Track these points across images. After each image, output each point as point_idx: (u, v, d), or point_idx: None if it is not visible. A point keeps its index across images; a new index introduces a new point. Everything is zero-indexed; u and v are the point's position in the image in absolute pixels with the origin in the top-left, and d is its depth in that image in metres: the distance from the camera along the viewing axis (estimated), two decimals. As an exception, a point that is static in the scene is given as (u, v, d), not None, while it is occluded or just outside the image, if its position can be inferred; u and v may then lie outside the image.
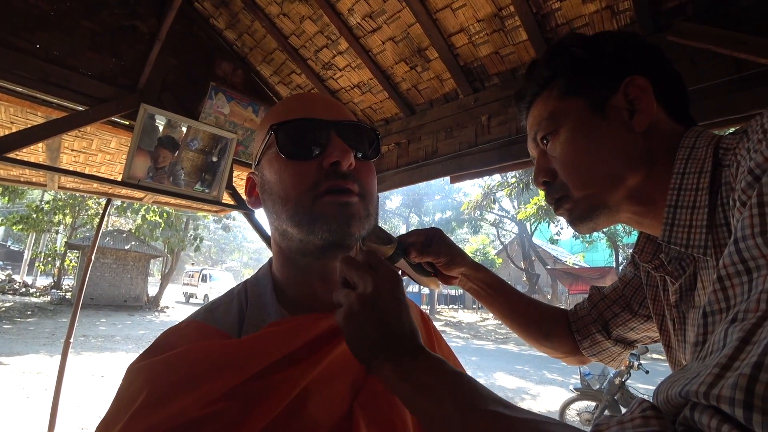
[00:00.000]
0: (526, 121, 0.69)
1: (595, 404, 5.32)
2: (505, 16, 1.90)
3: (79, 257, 18.13)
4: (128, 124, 2.59)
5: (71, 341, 3.46)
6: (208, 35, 2.91)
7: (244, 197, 0.68)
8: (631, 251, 0.72)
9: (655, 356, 11.38)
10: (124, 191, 3.67)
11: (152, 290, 20.40)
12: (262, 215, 0.67)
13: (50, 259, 18.93)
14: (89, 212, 17.73)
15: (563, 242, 28.71)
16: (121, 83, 2.46)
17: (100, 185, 3.75)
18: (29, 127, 2.29)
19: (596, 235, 18.14)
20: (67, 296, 16.81)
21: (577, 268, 20.53)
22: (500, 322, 0.88)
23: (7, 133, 2.42)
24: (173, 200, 3.27)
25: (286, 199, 0.53)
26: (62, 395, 3.36)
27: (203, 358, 0.44)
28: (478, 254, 23.59)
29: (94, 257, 3.73)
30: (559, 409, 5.59)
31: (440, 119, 2.46)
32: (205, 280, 23.93)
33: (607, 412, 5.16)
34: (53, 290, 17.44)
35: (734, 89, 1.43)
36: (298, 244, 0.55)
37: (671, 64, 0.60)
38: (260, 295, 0.57)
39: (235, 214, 3.66)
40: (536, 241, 23.05)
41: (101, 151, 3.49)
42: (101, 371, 7.46)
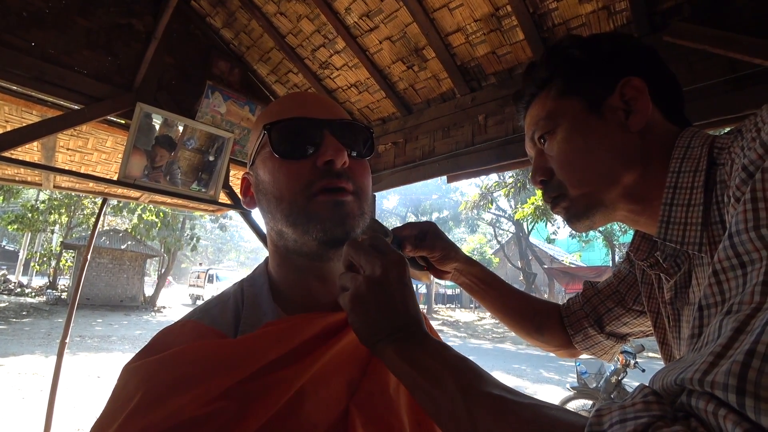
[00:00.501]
0: (523, 121, 0.70)
1: (591, 402, 5.34)
2: (502, 15, 1.90)
3: (74, 257, 18.03)
4: (124, 123, 2.58)
5: (67, 341, 3.44)
6: (204, 34, 2.90)
7: (240, 197, 0.68)
8: (626, 250, 0.72)
9: (651, 355, 11.43)
10: (120, 190, 3.65)
11: (149, 290, 20.32)
12: (258, 214, 0.66)
13: (46, 259, 18.82)
14: (85, 212, 17.64)
15: (560, 242, 28.81)
16: (116, 82, 2.44)
17: (95, 184, 3.74)
18: (24, 126, 2.28)
19: (592, 234, 18.23)
20: (62, 296, 16.71)
21: (573, 267, 20.62)
22: (493, 317, 0.89)
23: (1, 132, 2.40)
24: (170, 199, 3.26)
25: (280, 198, 0.53)
26: (58, 396, 3.34)
27: (199, 357, 0.44)
28: (475, 253, 23.63)
29: (90, 257, 3.71)
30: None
31: (437, 119, 2.47)
32: (212, 280, 22.96)
33: (603, 410, 5.19)
34: (49, 290, 17.33)
35: (729, 89, 1.43)
36: (293, 244, 0.55)
37: (666, 65, 0.61)
38: (256, 294, 0.56)
39: (231, 213, 3.65)
40: (533, 240, 23.11)
41: (97, 150, 3.47)
42: (97, 372, 7.43)
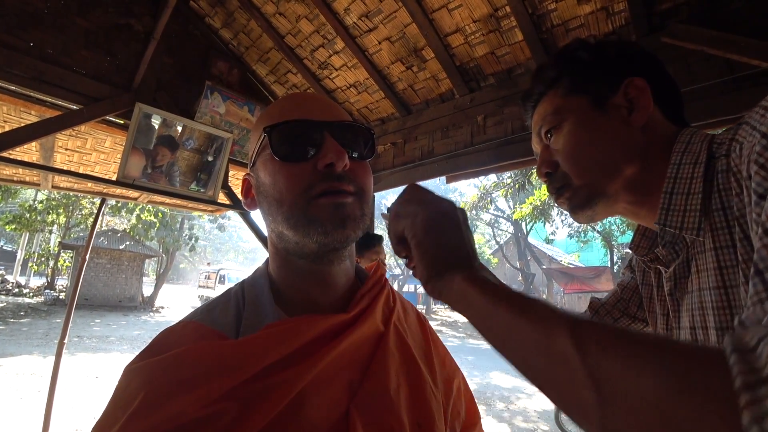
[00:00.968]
0: (530, 120, 0.74)
1: (590, 403, 5.35)
2: (501, 16, 1.90)
3: (73, 257, 17.98)
4: (123, 123, 2.57)
5: (65, 342, 3.43)
6: (203, 34, 2.90)
7: (240, 197, 0.68)
8: (626, 249, 0.74)
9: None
10: (118, 191, 3.64)
11: (147, 290, 20.28)
12: (257, 215, 0.66)
13: (44, 259, 18.77)
14: (83, 212, 17.59)
15: (558, 242, 28.85)
16: (115, 82, 2.44)
17: (94, 185, 3.73)
18: (23, 126, 2.27)
19: (591, 234, 18.27)
20: (60, 297, 16.66)
21: (572, 267, 20.65)
22: None
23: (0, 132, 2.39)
24: (168, 200, 3.26)
25: (281, 201, 0.52)
26: (56, 396, 3.34)
27: (201, 358, 0.44)
28: (474, 254, 23.52)
29: (88, 257, 3.71)
30: (555, 407, 5.61)
31: (436, 119, 2.47)
32: (222, 281, 22.09)
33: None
34: (47, 290, 17.28)
35: (727, 90, 1.44)
36: (294, 246, 0.55)
37: (667, 70, 0.65)
38: (257, 296, 0.56)
39: (230, 213, 3.65)
40: (532, 240, 23.14)
41: (96, 150, 3.47)
42: (95, 372, 7.41)
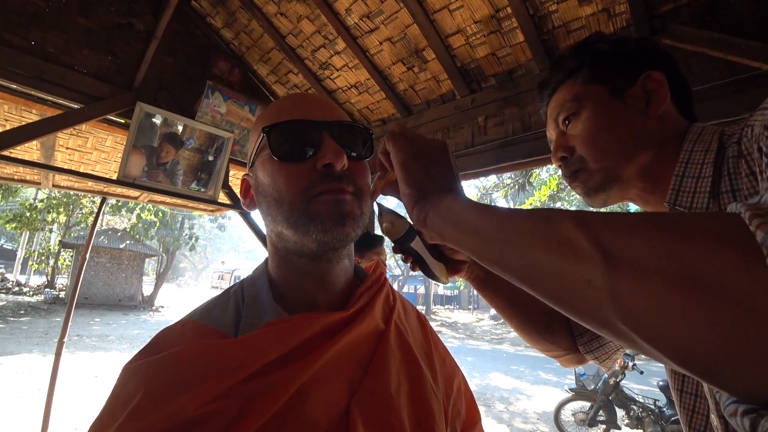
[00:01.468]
0: (546, 107, 0.75)
1: (590, 404, 5.35)
2: (502, 17, 1.90)
3: (73, 256, 17.99)
4: (124, 122, 2.58)
5: (65, 341, 3.43)
6: (205, 34, 2.90)
7: (240, 198, 0.68)
8: None
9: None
10: (119, 190, 3.65)
11: (147, 289, 20.29)
12: (257, 214, 0.66)
13: (44, 257, 18.77)
14: (84, 211, 17.60)
15: (559, 243, 28.77)
16: (116, 81, 2.45)
17: (95, 184, 3.73)
18: (24, 124, 2.27)
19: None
20: (60, 295, 16.66)
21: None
22: (502, 316, 0.85)
23: (1, 130, 2.39)
24: (169, 199, 3.26)
25: (280, 201, 0.53)
26: (56, 395, 3.34)
27: (200, 357, 0.44)
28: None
29: (88, 256, 3.71)
30: (554, 409, 5.61)
31: (437, 120, 2.47)
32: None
33: (601, 412, 5.20)
34: (47, 289, 17.27)
35: (728, 92, 1.44)
36: (293, 246, 0.55)
37: (679, 68, 0.68)
38: (257, 294, 0.56)
39: (230, 213, 3.65)
40: (532, 241, 23.09)
41: (96, 149, 3.47)
42: (95, 371, 7.41)
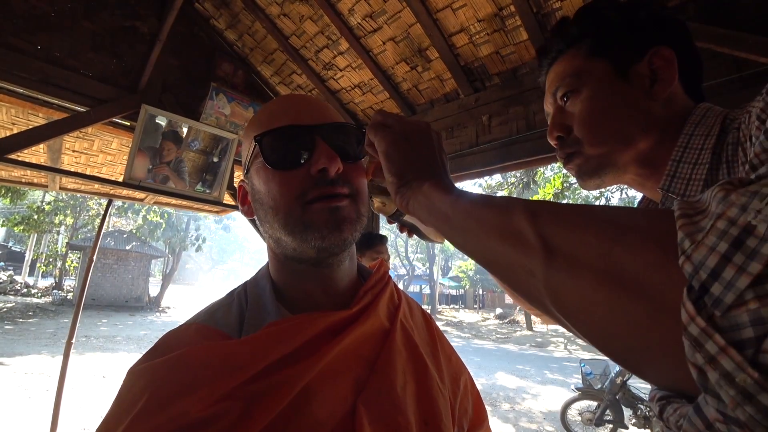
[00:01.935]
0: (545, 77, 0.71)
1: (596, 404, 5.32)
2: (505, 15, 1.90)
3: (80, 258, 18.16)
4: (129, 125, 2.59)
5: (73, 342, 3.46)
6: (208, 36, 2.92)
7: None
8: None
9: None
10: (125, 192, 3.67)
11: (153, 290, 20.42)
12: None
13: (51, 259, 18.96)
14: (90, 213, 17.77)
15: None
16: (121, 84, 2.46)
17: (101, 186, 3.77)
18: (30, 128, 2.30)
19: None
20: (68, 297, 16.82)
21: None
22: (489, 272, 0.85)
23: (8, 134, 2.42)
24: (174, 201, 3.28)
25: (276, 209, 0.52)
26: (64, 396, 3.37)
27: (204, 359, 0.44)
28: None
29: (95, 258, 3.74)
30: (560, 408, 5.58)
31: (441, 119, 2.46)
32: None
33: (608, 411, 5.16)
34: (55, 291, 17.45)
35: (735, 89, 1.42)
36: (292, 252, 0.55)
37: (693, 42, 0.62)
38: (260, 295, 0.56)
39: (235, 214, 3.67)
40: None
41: (102, 151, 3.50)
42: (103, 372, 7.48)
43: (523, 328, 19.87)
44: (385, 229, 16.83)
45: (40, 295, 17.66)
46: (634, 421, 5.17)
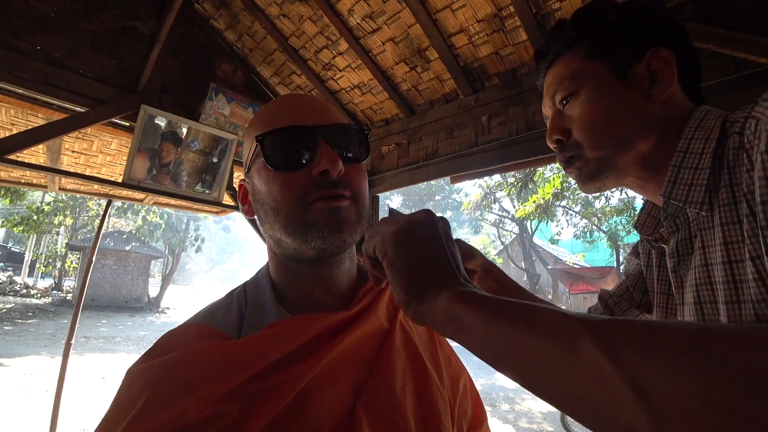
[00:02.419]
0: (543, 80, 0.70)
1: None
2: (505, 16, 1.90)
3: (79, 258, 18.15)
4: (129, 125, 2.59)
5: (72, 342, 3.45)
6: (208, 36, 2.91)
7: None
8: (633, 225, 0.74)
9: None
10: (124, 192, 3.67)
11: (153, 291, 20.41)
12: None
13: (51, 260, 18.96)
14: (90, 213, 17.75)
15: (564, 242, 28.68)
16: (121, 84, 2.46)
17: (100, 186, 3.76)
18: (30, 128, 2.29)
19: (597, 234, 18.17)
20: (68, 297, 16.80)
21: (577, 267, 20.51)
22: None
23: (7, 134, 2.42)
24: (174, 201, 3.28)
25: (277, 210, 0.52)
26: (63, 396, 3.36)
27: (203, 359, 0.44)
28: (478, 254, 23.42)
29: (94, 258, 3.73)
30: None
31: (440, 119, 2.47)
32: None
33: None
34: (54, 291, 17.43)
35: (734, 89, 1.43)
36: (292, 252, 0.55)
37: (692, 42, 0.62)
38: (259, 296, 0.56)
39: (235, 214, 3.66)
40: (537, 241, 23.02)
41: (102, 152, 3.50)
42: (102, 372, 7.47)
43: (522, 328, 19.78)
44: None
45: (39, 295, 17.65)
46: (633, 421, 5.17)
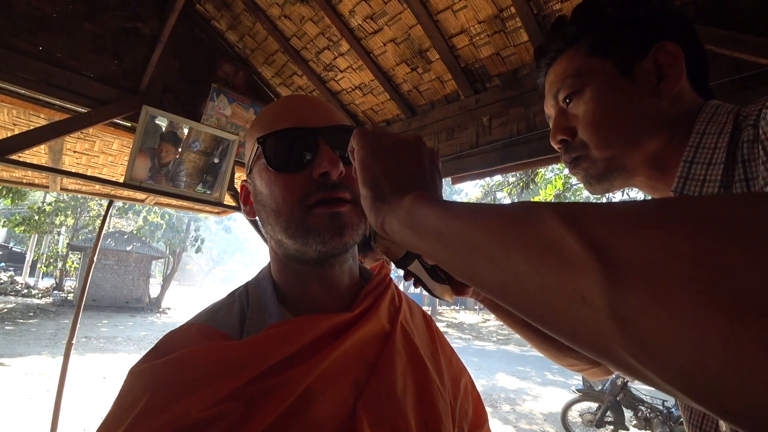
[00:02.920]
0: (543, 78, 0.68)
1: (597, 405, 5.31)
2: (506, 17, 1.90)
3: (81, 259, 18.17)
4: (130, 125, 2.60)
5: (73, 342, 3.46)
6: (209, 37, 2.92)
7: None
8: None
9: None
10: (126, 193, 3.68)
11: (154, 291, 20.43)
12: (260, 217, 0.65)
13: (52, 260, 18.97)
14: (91, 214, 17.77)
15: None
16: (122, 85, 2.47)
17: (102, 187, 3.77)
18: (32, 129, 2.30)
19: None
20: (69, 297, 16.82)
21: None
22: (522, 336, 0.79)
23: (9, 134, 2.42)
24: (175, 201, 3.28)
25: (278, 212, 0.53)
26: (64, 396, 3.36)
27: (205, 360, 0.44)
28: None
29: (95, 258, 3.74)
30: (561, 410, 5.58)
31: (441, 120, 2.47)
32: None
33: (609, 413, 5.15)
34: (55, 292, 17.45)
35: (735, 90, 1.42)
36: (294, 253, 0.55)
37: (698, 35, 0.60)
38: (261, 297, 0.56)
39: (236, 215, 3.67)
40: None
41: (103, 152, 3.51)
42: (103, 372, 7.48)
43: (523, 329, 19.80)
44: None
45: (40, 295, 17.67)
46: (634, 422, 5.17)
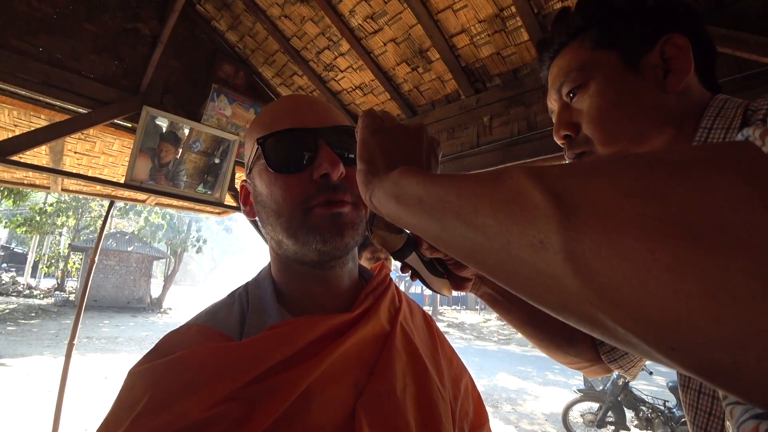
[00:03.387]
0: (546, 72, 0.66)
1: (598, 405, 5.30)
2: (506, 16, 1.89)
3: (82, 259, 18.19)
4: (131, 126, 2.60)
5: (75, 343, 3.46)
6: (210, 37, 2.92)
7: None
8: None
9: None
10: (127, 193, 3.68)
11: (155, 291, 20.45)
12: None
13: (54, 261, 18.99)
14: (92, 214, 17.80)
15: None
16: (123, 86, 2.47)
17: (103, 187, 3.78)
18: (33, 129, 2.30)
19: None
20: (70, 298, 16.84)
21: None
22: (520, 332, 0.79)
23: (10, 135, 2.42)
24: (176, 202, 3.28)
25: (278, 212, 0.52)
26: (66, 397, 3.37)
27: (205, 360, 0.44)
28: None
29: (97, 259, 3.74)
30: (562, 410, 5.57)
31: (442, 120, 2.46)
32: None
33: (610, 413, 5.15)
34: (57, 292, 17.48)
35: (737, 89, 1.42)
36: (294, 254, 0.55)
37: (705, 28, 0.59)
38: (261, 297, 0.56)
39: (237, 215, 3.67)
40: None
41: (104, 153, 3.51)
42: (105, 372, 7.49)
43: (524, 329, 19.80)
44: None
45: (42, 296, 17.70)
46: (636, 422, 5.16)
